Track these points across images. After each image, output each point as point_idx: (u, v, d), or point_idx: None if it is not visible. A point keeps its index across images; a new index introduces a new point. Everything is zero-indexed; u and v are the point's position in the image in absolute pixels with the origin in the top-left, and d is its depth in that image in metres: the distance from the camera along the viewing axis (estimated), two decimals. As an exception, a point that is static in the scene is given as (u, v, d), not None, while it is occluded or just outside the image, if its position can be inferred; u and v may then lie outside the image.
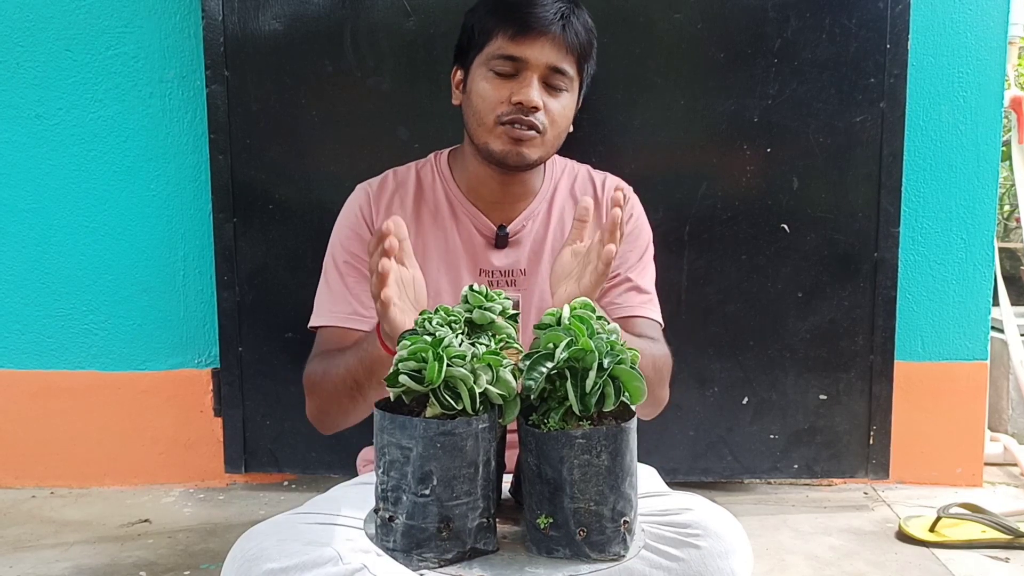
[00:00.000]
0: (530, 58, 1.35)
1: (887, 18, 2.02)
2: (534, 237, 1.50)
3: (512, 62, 1.36)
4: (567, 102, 1.40)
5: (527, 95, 1.34)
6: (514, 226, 1.49)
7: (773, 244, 2.10)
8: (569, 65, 1.38)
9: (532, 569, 0.89)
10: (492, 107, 1.37)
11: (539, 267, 1.49)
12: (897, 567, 1.82)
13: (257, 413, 2.18)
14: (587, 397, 0.89)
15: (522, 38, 1.35)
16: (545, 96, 1.37)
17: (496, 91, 1.36)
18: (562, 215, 1.52)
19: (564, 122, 1.42)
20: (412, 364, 0.87)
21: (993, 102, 2.18)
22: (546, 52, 1.35)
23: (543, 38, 1.34)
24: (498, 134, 1.38)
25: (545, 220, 1.51)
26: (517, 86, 1.35)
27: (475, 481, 0.87)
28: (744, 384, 2.15)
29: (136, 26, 2.17)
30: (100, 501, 2.21)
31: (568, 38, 1.36)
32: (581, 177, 1.57)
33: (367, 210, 1.48)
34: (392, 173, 1.54)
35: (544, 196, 1.52)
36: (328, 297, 1.46)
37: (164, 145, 2.21)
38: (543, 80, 1.37)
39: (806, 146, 2.07)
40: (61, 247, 2.23)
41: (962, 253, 2.23)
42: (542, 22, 1.34)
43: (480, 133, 1.40)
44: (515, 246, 1.49)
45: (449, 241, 1.48)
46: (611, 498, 0.89)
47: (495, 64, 1.37)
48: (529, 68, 1.35)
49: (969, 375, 2.26)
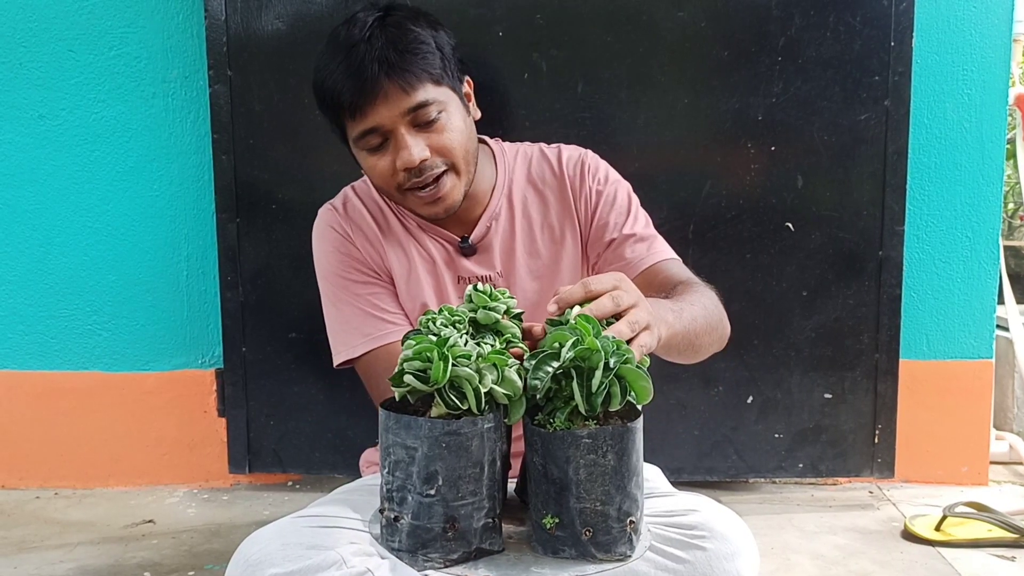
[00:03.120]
0: (383, 122, 1.28)
1: (891, 16, 2.02)
2: (502, 238, 1.45)
3: (372, 134, 1.29)
4: (450, 122, 1.32)
5: (406, 159, 1.28)
6: (477, 233, 1.44)
7: (777, 243, 2.09)
8: (423, 92, 1.28)
9: (538, 569, 0.89)
10: (387, 181, 1.32)
11: (514, 267, 1.45)
12: (903, 566, 1.82)
13: (261, 413, 2.17)
14: (593, 397, 0.88)
15: (362, 112, 1.27)
16: (426, 136, 1.29)
17: (381, 165, 1.31)
18: (525, 205, 1.47)
19: (461, 137, 1.33)
20: (417, 364, 0.87)
21: (998, 100, 2.17)
22: (393, 106, 1.27)
23: (379, 98, 1.26)
24: (411, 201, 1.33)
25: (509, 217, 1.46)
26: (394, 151, 1.29)
27: (480, 481, 0.87)
28: (749, 383, 2.14)
29: (139, 26, 2.16)
30: (104, 502, 2.21)
31: (397, 81, 1.26)
32: (536, 159, 1.50)
33: (341, 228, 1.44)
34: (351, 189, 1.50)
35: (501, 192, 1.46)
36: (345, 327, 1.41)
37: (167, 145, 2.20)
38: (412, 124, 1.29)
39: (810, 144, 2.06)
40: (64, 248, 2.23)
41: (967, 251, 2.22)
42: (368, 86, 1.25)
43: (397, 201, 1.37)
44: (485, 251, 1.45)
45: (426, 250, 1.45)
46: (617, 498, 0.89)
47: (361, 143, 1.31)
48: (390, 128, 1.28)
49: (974, 373, 2.25)
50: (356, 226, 1.44)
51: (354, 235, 1.43)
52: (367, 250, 1.43)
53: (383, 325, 1.40)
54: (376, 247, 1.44)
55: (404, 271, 1.44)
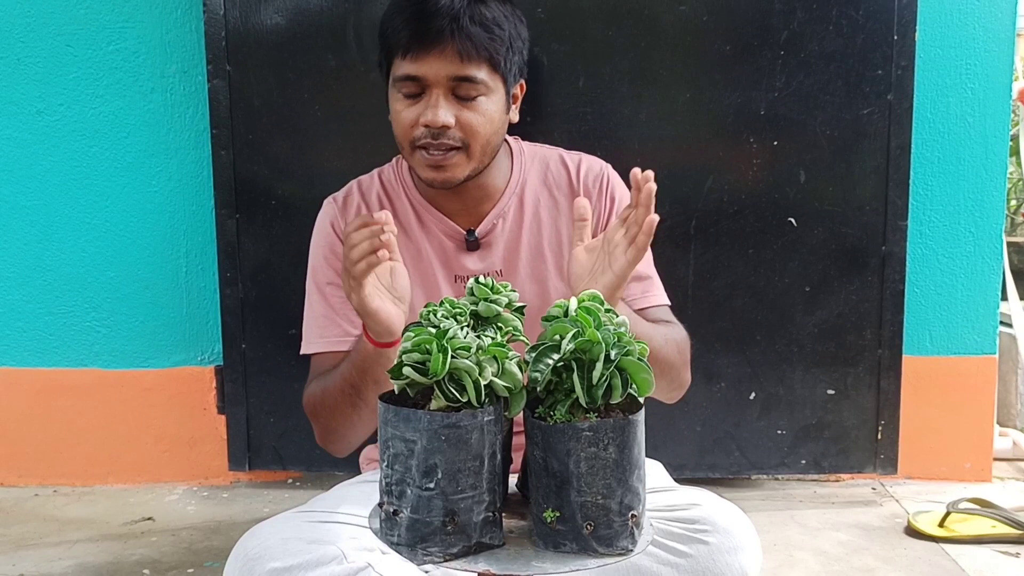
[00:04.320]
0: (428, 75, 1.27)
1: (894, 9, 2.01)
2: (507, 236, 1.44)
3: (413, 81, 1.28)
4: (487, 106, 1.30)
5: (431, 116, 1.27)
6: (483, 227, 1.43)
7: (780, 238, 2.08)
8: (476, 69, 1.28)
9: (538, 563, 0.87)
10: (406, 131, 1.31)
11: (516, 267, 1.44)
12: (907, 562, 1.81)
13: (261, 410, 2.17)
14: (594, 389, 0.87)
15: (415, 56, 1.26)
16: (458, 108, 1.28)
17: (406, 113, 1.30)
18: (536, 208, 1.45)
19: (488, 127, 1.32)
20: (416, 356, 0.86)
21: (1001, 94, 2.17)
22: (444, 65, 1.26)
23: (436, 51, 1.26)
24: (417, 160, 1.32)
25: (517, 217, 1.44)
26: (423, 106, 1.28)
27: (480, 474, 0.86)
28: (751, 379, 2.13)
29: (137, 21, 2.16)
30: (103, 499, 2.20)
31: (461, 46, 1.26)
32: (554, 163, 1.49)
33: (339, 224, 1.44)
34: (357, 184, 1.49)
35: (513, 191, 1.44)
36: (315, 322, 1.43)
37: (166, 141, 2.20)
38: (451, 92, 1.28)
39: (813, 139, 2.05)
40: (63, 244, 2.22)
41: (970, 246, 2.21)
42: (430, 35, 1.25)
43: (405, 156, 1.35)
44: (488, 248, 1.44)
45: (421, 250, 1.43)
46: (619, 491, 0.88)
47: (399, 86, 1.30)
48: (431, 85, 1.27)
49: (978, 369, 2.24)
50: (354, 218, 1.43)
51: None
52: None
53: (340, 333, 1.41)
54: None
55: (407, 263, 1.41)
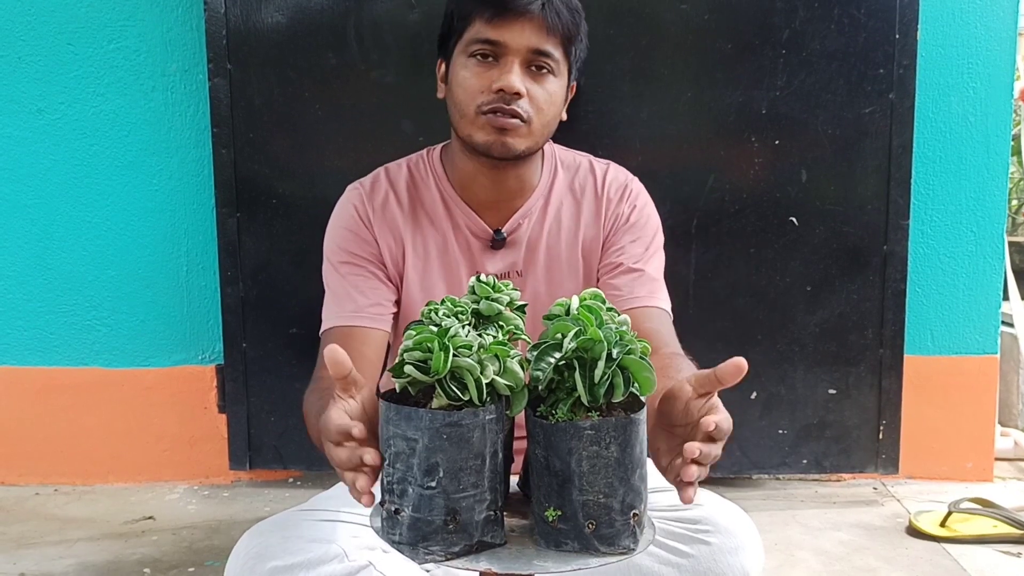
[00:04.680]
0: (510, 42, 1.27)
1: (896, 8, 2.01)
2: (530, 235, 1.44)
3: (491, 46, 1.28)
4: (554, 87, 1.32)
5: (507, 81, 1.26)
6: (510, 225, 1.43)
7: (781, 237, 2.08)
8: (554, 47, 1.29)
9: (540, 562, 0.87)
10: (473, 96, 1.29)
11: (534, 266, 1.44)
12: (908, 562, 1.81)
13: (261, 409, 2.16)
14: (595, 388, 0.87)
15: (500, 20, 1.27)
16: (529, 82, 1.29)
17: (477, 79, 1.29)
18: (559, 212, 1.45)
19: (552, 109, 1.33)
20: (418, 354, 0.85)
21: (1003, 94, 2.16)
22: (526, 35, 1.27)
23: (522, 19, 1.27)
24: (480, 124, 1.30)
25: (541, 217, 1.44)
26: (498, 72, 1.28)
27: (482, 473, 0.85)
28: (752, 379, 2.10)
29: (138, 19, 2.16)
30: (104, 498, 2.20)
31: (549, 19, 1.28)
32: (583, 170, 1.48)
33: (363, 209, 1.42)
34: (384, 171, 1.46)
35: (542, 191, 1.45)
36: (331, 300, 1.40)
37: (167, 139, 2.19)
38: (526, 64, 1.29)
39: (815, 138, 2.05)
40: (63, 243, 2.22)
41: (972, 246, 2.21)
42: (520, 3, 1.26)
43: (463, 125, 1.32)
44: (511, 246, 1.44)
45: (448, 242, 1.43)
46: (620, 490, 0.87)
47: (474, 49, 1.29)
48: (509, 52, 1.27)
49: (979, 369, 2.24)
50: (378, 212, 1.42)
51: (374, 219, 1.41)
52: (383, 236, 1.41)
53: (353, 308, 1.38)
54: (395, 235, 1.42)
55: (421, 261, 1.42)
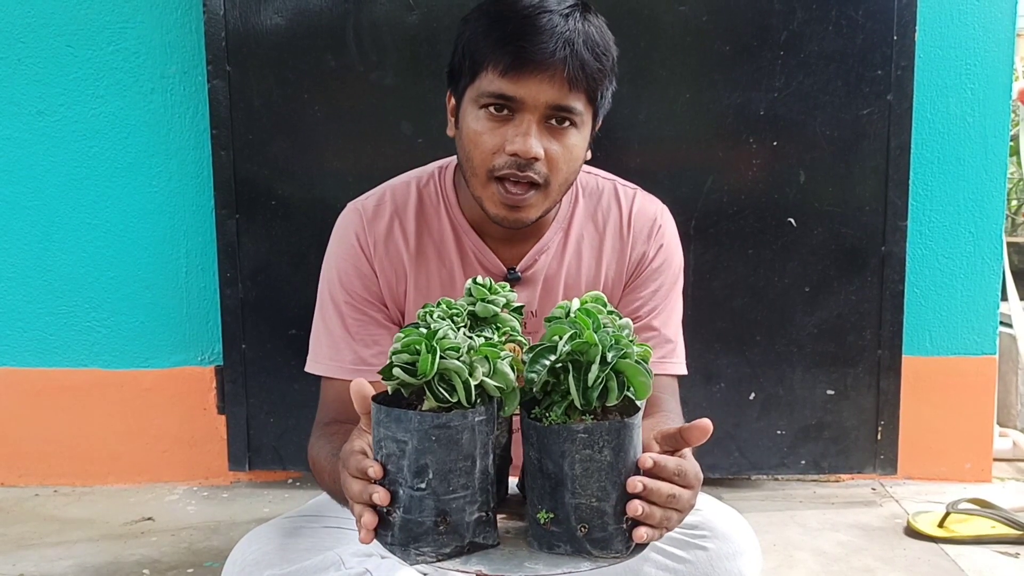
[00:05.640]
0: (527, 98, 1.12)
1: (894, 9, 2.01)
2: (547, 272, 1.31)
3: (506, 100, 1.13)
4: (575, 141, 1.18)
5: (523, 145, 1.12)
6: (525, 263, 1.30)
7: (780, 238, 2.08)
8: (576, 100, 1.15)
9: (531, 564, 0.87)
10: (484, 157, 1.15)
11: (549, 305, 1.30)
12: (906, 563, 1.81)
13: (261, 410, 2.17)
14: (589, 391, 0.87)
15: (516, 74, 1.12)
16: (547, 139, 1.15)
17: (489, 136, 1.15)
18: (579, 245, 1.32)
19: (572, 165, 1.19)
20: (406, 357, 0.86)
21: (1001, 94, 2.16)
22: (545, 90, 1.12)
23: (542, 74, 1.11)
24: (491, 194, 1.17)
25: (560, 251, 1.31)
26: (513, 131, 1.13)
27: (472, 475, 0.86)
28: (751, 380, 2.13)
29: (137, 21, 2.16)
30: (103, 499, 2.20)
31: (571, 72, 1.12)
32: (606, 197, 1.35)
33: (364, 238, 1.28)
34: (389, 192, 1.32)
35: (560, 224, 1.31)
36: (328, 341, 1.29)
37: (166, 141, 2.20)
38: (544, 120, 1.14)
39: (813, 139, 2.05)
40: (63, 244, 2.23)
41: (970, 247, 2.21)
42: (540, 55, 1.11)
43: (474, 184, 1.19)
44: (527, 284, 1.30)
45: (454, 280, 1.29)
46: (614, 494, 0.87)
47: (485, 102, 1.15)
48: (526, 109, 1.13)
49: (978, 370, 2.24)
50: (380, 243, 1.29)
51: (375, 251, 1.29)
52: (384, 271, 1.29)
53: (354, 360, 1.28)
54: (397, 269, 1.30)
55: (423, 298, 1.30)
